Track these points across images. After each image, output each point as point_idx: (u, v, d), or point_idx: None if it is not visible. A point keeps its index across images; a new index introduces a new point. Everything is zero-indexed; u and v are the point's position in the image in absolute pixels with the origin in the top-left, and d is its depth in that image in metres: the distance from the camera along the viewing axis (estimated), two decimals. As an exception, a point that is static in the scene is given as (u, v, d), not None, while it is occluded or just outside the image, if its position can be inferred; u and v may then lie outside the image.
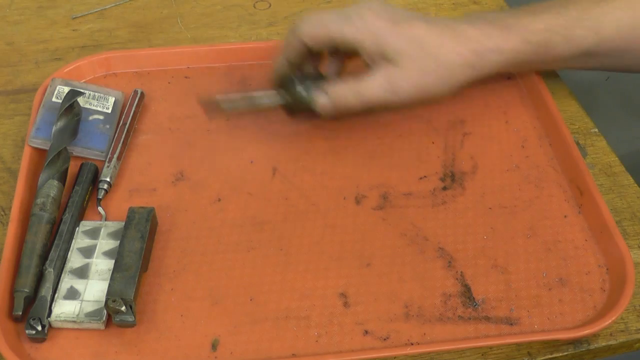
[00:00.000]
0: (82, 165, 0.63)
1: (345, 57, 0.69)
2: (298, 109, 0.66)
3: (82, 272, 0.57)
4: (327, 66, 0.69)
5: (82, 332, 0.54)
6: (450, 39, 0.64)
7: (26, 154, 0.64)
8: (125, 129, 0.67)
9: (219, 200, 0.64)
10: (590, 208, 0.62)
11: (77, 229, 0.60)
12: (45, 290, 0.55)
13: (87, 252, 0.58)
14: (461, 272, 0.59)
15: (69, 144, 0.63)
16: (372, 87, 0.63)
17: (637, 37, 0.66)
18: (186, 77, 0.74)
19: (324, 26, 0.64)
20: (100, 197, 0.62)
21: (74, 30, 0.81)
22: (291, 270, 0.59)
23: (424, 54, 0.63)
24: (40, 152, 0.65)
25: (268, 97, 0.66)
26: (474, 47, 0.64)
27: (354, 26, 0.63)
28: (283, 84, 0.65)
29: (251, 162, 0.67)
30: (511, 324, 0.56)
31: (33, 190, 0.61)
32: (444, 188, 0.65)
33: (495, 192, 0.65)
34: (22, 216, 0.59)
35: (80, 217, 0.61)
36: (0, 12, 0.83)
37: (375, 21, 0.63)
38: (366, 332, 0.55)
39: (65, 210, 0.60)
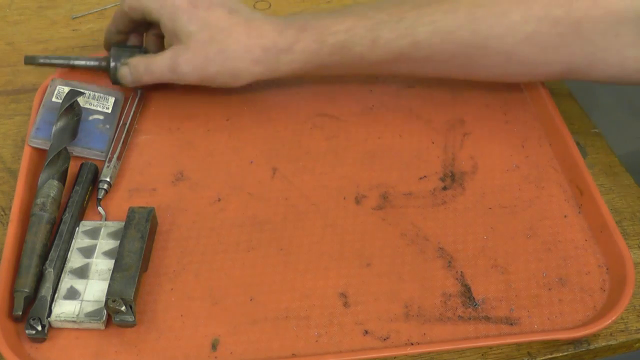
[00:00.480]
0: (82, 165, 0.63)
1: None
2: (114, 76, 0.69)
3: (82, 272, 0.57)
4: (147, 40, 0.71)
5: (82, 332, 0.55)
6: (243, 33, 0.63)
7: (26, 154, 0.64)
8: (125, 129, 0.67)
9: (219, 200, 0.64)
10: (590, 208, 0.62)
11: (77, 229, 0.60)
12: (45, 290, 0.55)
13: (87, 252, 0.58)
14: (461, 272, 0.59)
15: (69, 144, 0.63)
16: (160, 63, 0.65)
17: (458, 43, 0.62)
18: (186, 77, 0.74)
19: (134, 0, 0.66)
20: (100, 197, 0.62)
21: (74, 30, 0.81)
22: (291, 270, 0.59)
23: (211, 41, 0.63)
24: (40, 152, 0.65)
25: (85, 60, 0.71)
26: (264, 44, 0.63)
27: (159, 1, 0.64)
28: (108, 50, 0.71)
29: (251, 162, 0.67)
30: (511, 324, 0.56)
31: (33, 190, 0.61)
32: (444, 188, 0.65)
33: (495, 192, 0.65)
34: (22, 216, 0.59)
35: (80, 217, 0.61)
36: (0, 12, 0.83)
37: (176, 2, 0.64)
38: (366, 332, 0.55)
39: (65, 210, 0.60)
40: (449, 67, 0.66)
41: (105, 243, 0.59)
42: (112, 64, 0.69)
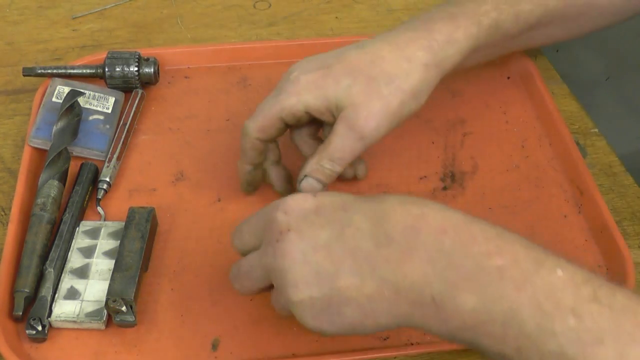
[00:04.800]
0: (82, 165, 0.63)
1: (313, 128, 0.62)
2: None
3: (82, 272, 0.57)
4: (303, 151, 0.63)
5: (82, 332, 0.55)
6: (394, 49, 0.58)
7: (26, 154, 0.64)
8: (125, 129, 0.67)
9: (219, 200, 0.64)
10: (590, 208, 0.62)
11: (78, 229, 0.60)
12: (46, 290, 0.55)
13: (87, 252, 0.58)
14: (461, 272, 0.59)
15: (69, 144, 0.63)
16: (339, 143, 0.56)
17: (580, 3, 0.65)
18: (186, 77, 0.74)
19: (264, 114, 0.58)
20: (100, 197, 0.62)
21: (74, 30, 0.81)
22: (291, 270, 0.59)
23: (373, 79, 0.56)
24: (40, 152, 0.65)
25: (81, 68, 0.71)
26: (424, 45, 0.58)
27: (292, 95, 0.57)
28: (253, 186, 0.63)
29: (251, 162, 0.67)
30: (511, 324, 0.56)
31: (33, 190, 0.61)
32: (444, 188, 0.65)
33: (495, 192, 0.65)
34: (22, 216, 0.59)
35: (80, 217, 0.61)
36: (0, 12, 0.83)
37: (309, 77, 0.57)
38: (366, 332, 0.55)
39: (65, 210, 0.60)
40: (571, 27, 0.67)
41: (106, 243, 0.59)
42: (108, 71, 0.69)
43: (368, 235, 0.46)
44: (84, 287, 0.56)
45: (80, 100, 0.67)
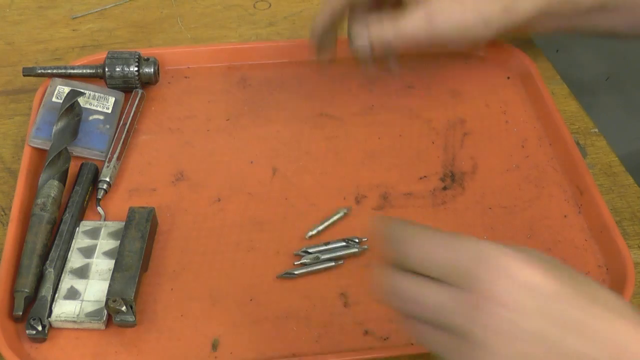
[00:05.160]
0: (82, 165, 0.63)
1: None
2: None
3: (82, 272, 0.57)
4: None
5: (82, 332, 0.54)
6: None
7: (26, 154, 0.64)
8: (125, 129, 0.67)
9: (219, 200, 0.64)
10: (590, 208, 0.62)
11: (78, 229, 0.60)
12: (46, 290, 0.55)
13: (88, 252, 0.58)
14: (461, 272, 0.59)
15: (69, 144, 0.63)
16: (413, 24, 0.62)
17: None
18: (186, 77, 0.74)
19: None
20: (100, 197, 0.62)
21: (74, 30, 0.81)
22: (291, 270, 0.59)
23: None
24: (40, 152, 0.65)
25: (81, 68, 0.70)
26: None
27: None
28: (326, 50, 0.66)
29: (251, 162, 0.67)
30: (511, 324, 0.56)
31: (33, 190, 0.61)
32: (444, 188, 0.65)
33: (495, 192, 0.65)
34: (22, 216, 0.59)
35: (80, 217, 0.61)
36: (0, 12, 0.83)
37: None
38: (366, 332, 0.55)
39: (65, 210, 0.60)
40: (634, 19, 0.68)
41: (106, 243, 0.59)
42: (108, 71, 0.69)
43: None
44: (84, 287, 0.56)
45: (80, 100, 0.67)
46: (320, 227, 0.61)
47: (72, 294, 0.55)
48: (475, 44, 0.66)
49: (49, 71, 0.70)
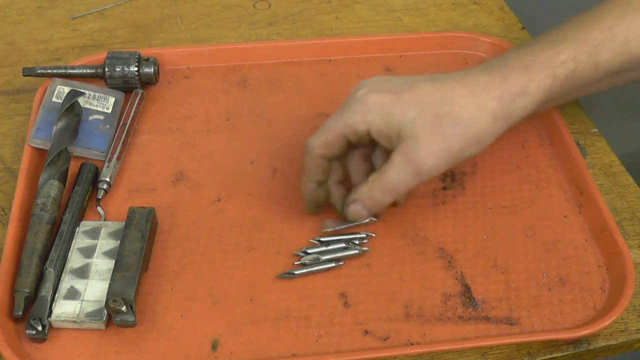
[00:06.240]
0: (82, 165, 0.63)
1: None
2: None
3: (82, 272, 0.57)
4: (352, 173, 0.61)
5: (82, 332, 0.54)
6: (465, 93, 0.57)
7: (26, 154, 0.64)
8: (125, 129, 0.67)
9: (219, 200, 0.64)
10: (590, 208, 0.62)
11: (78, 229, 0.60)
12: (46, 290, 0.55)
13: (88, 252, 0.58)
14: (461, 272, 0.59)
15: (69, 144, 0.63)
16: (398, 177, 0.56)
17: None
18: (186, 77, 0.74)
19: (328, 130, 0.57)
20: (100, 197, 0.62)
21: (74, 30, 0.81)
22: (291, 270, 0.59)
23: (439, 118, 0.55)
24: (40, 152, 0.65)
25: (81, 68, 0.71)
26: (496, 94, 0.57)
27: (357, 114, 0.56)
28: (318, 207, 0.62)
29: (251, 162, 0.67)
30: (511, 324, 0.56)
31: (33, 190, 0.61)
32: (444, 188, 0.65)
33: (495, 192, 0.65)
34: (22, 216, 0.59)
35: (80, 217, 0.61)
36: (0, 12, 0.83)
37: (377, 99, 0.56)
38: (366, 332, 0.55)
39: (65, 210, 0.60)
40: None
41: (106, 243, 0.59)
42: (108, 71, 0.69)
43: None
44: (84, 287, 0.56)
45: (80, 100, 0.67)
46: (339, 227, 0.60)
47: (72, 294, 0.55)
48: (488, 143, 0.59)
49: (49, 71, 0.70)
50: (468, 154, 0.57)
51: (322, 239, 0.60)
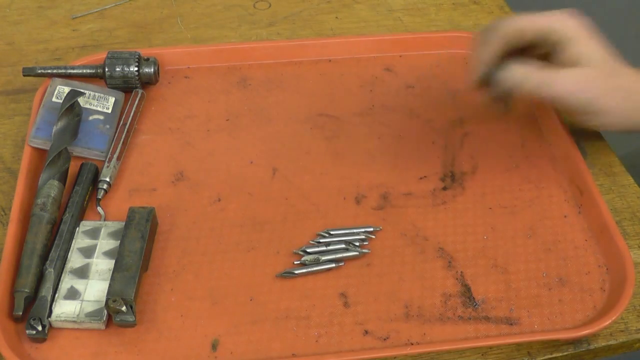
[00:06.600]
0: (82, 165, 0.63)
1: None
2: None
3: (82, 272, 0.57)
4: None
5: (82, 332, 0.55)
6: (624, 73, 0.62)
7: (26, 154, 0.64)
8: (125, 129, 0.67)
9: (219, 200, 0.64)
10: (590, 208, 0.62)
11: (78, 229, 0.60)
12: (46, 290, 0.55)
13: (88, 252, 0.58)
14: (461, 272, 0.59)
15: (69, 144, 0.63)
16: (566, 81, 0.60)
17: None
18: (186, 77, 0.74)
19: (519, 20, 0.61)
20: (100, 197, 0.62)
21: (74, 30, 0.81)
22: (291, 270, 0.59)
23: (613, 74, 0.61)
24: (40, 152, 0.65)
25: (81, 68, 0.70)
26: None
27: (562, 22, 0.61)
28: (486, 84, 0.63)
29: (251, 162, 0.67)
30: (511, 324, 0.56)
31: (33, 190, 0.61)
32: (444, 188, 0.65)
33: (495, 192, 0.65)
34: (22, 216, 0.59)
35: (80, 217, 0.61)
36: (0, 12, 0.83)
37: (576, 21, 0.61)
38: (366, 332, 0.55)
39: (65, 210, 0.60)
40: None
41: (106, 243, 0.59)
42: (108, 71, 0.69)
43: None
44: (84, 287, 0.56)
45: (80, 100, 0.67)
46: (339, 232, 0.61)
47: (72, 294, 0.55)
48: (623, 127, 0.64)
49: (49, 71, 0.70)
50: (612, 119, 0.62)
51: (322, 240, 0.60)
